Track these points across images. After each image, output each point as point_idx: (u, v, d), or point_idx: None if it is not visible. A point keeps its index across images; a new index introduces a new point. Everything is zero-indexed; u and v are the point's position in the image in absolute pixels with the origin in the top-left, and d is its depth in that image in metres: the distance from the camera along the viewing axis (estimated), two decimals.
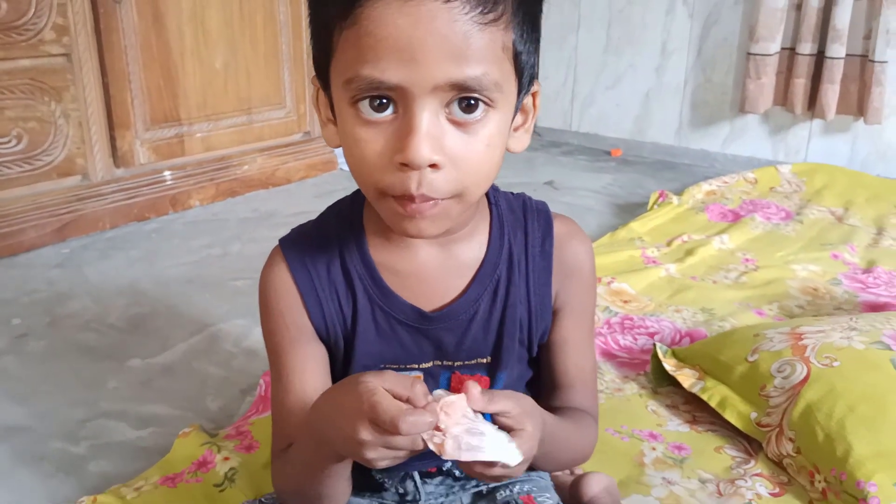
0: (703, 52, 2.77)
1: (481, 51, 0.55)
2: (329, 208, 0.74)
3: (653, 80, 2.90)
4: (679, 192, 2.31)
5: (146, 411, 1.20)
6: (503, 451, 0.56)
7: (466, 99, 0.56)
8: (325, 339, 0.71)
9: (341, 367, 0.72)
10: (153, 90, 2.09)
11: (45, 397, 1.24)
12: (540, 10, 0.62)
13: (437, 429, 0.55)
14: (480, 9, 0.54)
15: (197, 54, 2.18)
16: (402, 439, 0.53)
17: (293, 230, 0.73)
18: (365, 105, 0.57)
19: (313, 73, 0.64)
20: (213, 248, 1.92)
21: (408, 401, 0.55)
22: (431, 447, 0.55)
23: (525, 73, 0.61)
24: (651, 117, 2.94)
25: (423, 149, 0.55)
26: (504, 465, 0.56)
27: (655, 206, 2.20)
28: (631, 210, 2.25)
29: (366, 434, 0.54)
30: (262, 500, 0.76)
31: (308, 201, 2.32)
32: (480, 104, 0.57)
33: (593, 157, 2.94)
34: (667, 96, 2.88)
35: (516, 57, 0.59)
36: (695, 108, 2.84)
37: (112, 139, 2.03)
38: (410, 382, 0.56)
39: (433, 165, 0.56)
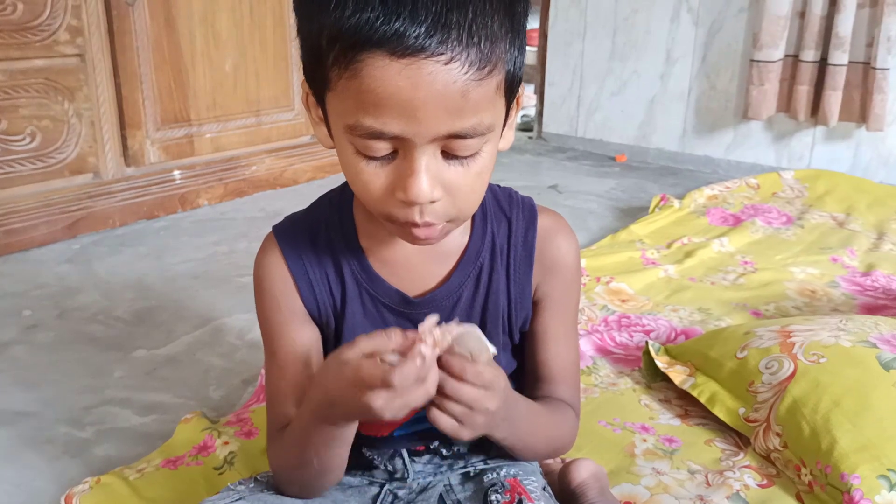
0: (708, 60, 2.79)
1: (478, 102, 0.57)
2: (320, 197, 0.77)
3: (657, 86, 2.92)
4: (681, 197, 2.32)
5: (150, 399, 1.23)
6: (485, 340, 0.61)
7: (461, 137, 0.58)
8: (317, 319, 0.74)
9: (333, 346, 0.75)
10: (164, 91, 2.13)
11: (53, 385, 1.27)
12: (526, 23, 0.62)
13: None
14: (478, 65, 0.55)
15: (207, 56, 2.22)
16: (410, 386, 0.57)
17: (286, 217, 0.76)
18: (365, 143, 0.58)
19: (303, 77, 0.64)
20: (219, 246, 1.96)
21: (395, 350, 0.59)
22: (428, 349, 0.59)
23: (515, 90, 0.62)
24: (655, 123, 2.96)
25: (424, 189, 0.58)
26: (489, 358, 0.62)
27: (657, 210, 2.22)
28: (633, 214, 2.27)
29: (377, 400, 0.57)
30: (258, 477, 0.78)
31: None
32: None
33: (598, 162, 2.96)
34: (671, 103, 2.90)
35: (509, 84, 0.60)
36: (699, 115, 2.86)
37: (123, 138, 2.07)
38: (385, 336, 0.59)
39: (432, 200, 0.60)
